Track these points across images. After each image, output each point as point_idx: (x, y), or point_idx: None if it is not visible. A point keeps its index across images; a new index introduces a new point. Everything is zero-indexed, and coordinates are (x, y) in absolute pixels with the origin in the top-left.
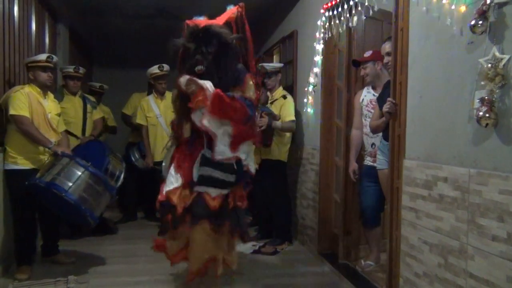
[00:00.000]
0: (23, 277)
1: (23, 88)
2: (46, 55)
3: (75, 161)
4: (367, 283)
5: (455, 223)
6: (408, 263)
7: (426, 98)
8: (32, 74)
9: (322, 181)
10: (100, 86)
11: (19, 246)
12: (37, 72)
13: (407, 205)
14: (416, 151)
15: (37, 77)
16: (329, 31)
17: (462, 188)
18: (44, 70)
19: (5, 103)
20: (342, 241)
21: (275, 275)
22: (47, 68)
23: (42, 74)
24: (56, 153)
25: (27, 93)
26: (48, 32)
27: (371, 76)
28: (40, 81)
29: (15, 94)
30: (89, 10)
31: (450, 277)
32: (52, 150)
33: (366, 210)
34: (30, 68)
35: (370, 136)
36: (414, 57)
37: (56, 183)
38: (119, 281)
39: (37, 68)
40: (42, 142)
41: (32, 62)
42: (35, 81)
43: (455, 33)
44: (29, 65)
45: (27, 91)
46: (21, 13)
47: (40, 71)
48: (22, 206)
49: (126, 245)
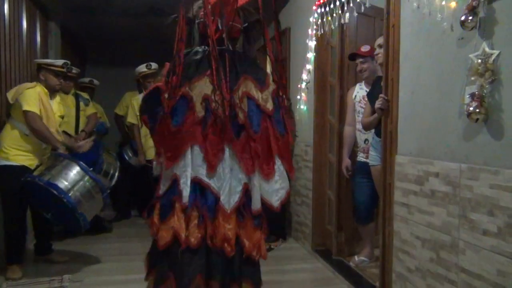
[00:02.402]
0: (15, 276)
1: (35, 86)
2: (63, 61)
3: (76, 163)
4: (360, 278)
5: (446, 218)
6: (400, 258)
7: (417, 94)
8: (44, 75)
9: (315, 177)
10: (90, 81)
11: (9, 245)
12: (49, 76)
13: (399, 201)
14: (408, 147)
15: (48, 80)
16: (321, 28)
17: (453, 183)
18: (57, 75)
19: (14, 99)
20: (336, 237)
21: (269, 272)
22: (60, 74)
23: (53, 79)
24: (58, 154)
25: (38, 92)
26: (40, 31)
27: (368, 71)
28: (50, 84)
29: (28, 91)
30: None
31: (442, 272)
32: (60, 151)
33: (360, 206)
34: (43, 69)
35: (363, 132)
36: (406, 53)
37: (56, 183)
38: (113, 279)
39: (51, 71)
40: (52, 141)
41: (47, 64)
42: (45, 82)
43: (446, 29)
44: (43, 66)
45: (38, 90)
46: (11, 11)
47: (52, 75)
48: (13, 203)
49: (120, 243)
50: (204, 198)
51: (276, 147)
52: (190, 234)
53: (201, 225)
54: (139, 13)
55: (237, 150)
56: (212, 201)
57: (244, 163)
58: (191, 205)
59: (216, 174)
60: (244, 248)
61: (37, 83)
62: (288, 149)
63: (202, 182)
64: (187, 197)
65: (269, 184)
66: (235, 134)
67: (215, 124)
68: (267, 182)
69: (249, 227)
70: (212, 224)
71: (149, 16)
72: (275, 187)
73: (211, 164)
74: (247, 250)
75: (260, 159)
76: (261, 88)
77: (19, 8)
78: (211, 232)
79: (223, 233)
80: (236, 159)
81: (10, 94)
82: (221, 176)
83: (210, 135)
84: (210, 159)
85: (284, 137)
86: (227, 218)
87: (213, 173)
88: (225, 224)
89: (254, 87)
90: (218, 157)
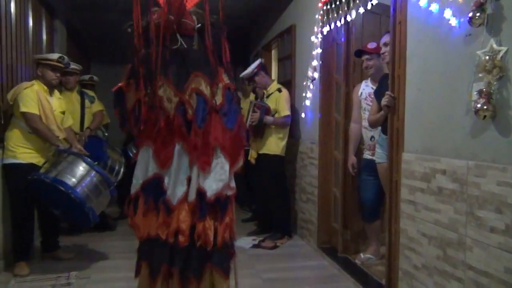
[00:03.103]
0: (23, 273)
1: (32, 85)
2: (58, 55)
3: (81, 159)
4: (366, 276)
5: (453, 215)
6: (407, 255)
7: (424, 91)
8: (41, 71)
9: (321, 175)
10: (90, 78)
11: (17, 242)
12: (46, 70)
13: (406, 198)
14: (414, 144)
15: (45, 75)
16: (327, 24)
17: (460, 180)
18: (53, 70)
19: (14, 99)
20: (342, 235)
21: (275, 269)
22: (57, 68)
23: (50, 73)
24: (61, 150)
25: (36, 90)
26: (45, 29)
27: (374, 68)
28: (47, 79)
29: (26, 91)
30: (85, 6)
31: (449, 269)
32: (59, 148)
33: (365, 204)
34: (40, 65)
35: (369, 130)
36: (412, 50)
37: (63, 179)
38: (119, 276)
39: (47, 66)
40: (51, 139)
41: (43, 59)
42: (42, 78)
43: (453, 25)
44: (40, 61)
45: (36, 89)
46: (18, 10)
47: (49, 69)
48: (21, 201)
49: (125, 241)
50: (162, 193)
51: (217, 140)
52: (157, 227)
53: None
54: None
55: (188, 145)
56: (164, 196)
57: (190, 157)
58: (150, 200)
59: (168, 170)
60: (196, 240)
61: (35, 81)
62: (236, 143)
63: (159, 177)
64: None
65: (204, 176)
66: (188, 130)
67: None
68: (203, 174)
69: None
70: (168, 217)
71: None
72: (212, 179)
73: (160, 160)
74: (201, 242)
75: (198, 152)
76: (211, 83)
77: (25, 7)
78: (167, 224)
79: (175, 225)
80: (186, 154)
81: (9, 94)
82: (171, 172)
83: (162, 133)
84: (159, 156)
85: (233, 131)
86: (176, 210)
87: (164, 169)
88: (178, 216)
89: (204, 83)
90: (167, 155)
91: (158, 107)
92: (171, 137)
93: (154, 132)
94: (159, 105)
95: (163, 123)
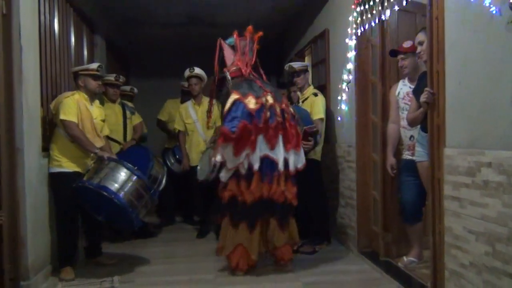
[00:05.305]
0: (69, 277)
1: (73, 94)
2: (97, 64)
3: (122, 165)
4: (410, 279)
5: (502, 208)
6: (453, 254)
7: (465, 84)
8: (83, 81)
9: (359, 178)
10: (131, 89)
11: (62, 248)
12: (88, 80)
13: (449, 195)
14: (457, 139)
15: (87, 85)
16: (361, 26)
17: (507, 172)
18: (95, 79)
19: (56, 108)
20: (383, 239)
21: (315, 273)
22: (97, 76)
23: (92, 82)
24: (101, 157)
25: (77, 99)
26: (86, 43)
27: (410, 67)
28: (90, 88)
29: (66, 100)
30: (124, 21)
31: (499, 265)
32: (98, 155)
33: (406, 205)
34: (81, 76)
35: (408, 129)
36: (451, 43)
37: (106, 185)
38: (163, 280)
39: (88, 76)
40: (89, 146)
41: (83, 70)
42: (85, 88)
43: (493, 13)
44: (80, 73)
45: (77, 98)
46: (60, 26)
47: (91, 79)
48: (66, 208)
49: (166, 247)
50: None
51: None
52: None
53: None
54: (178, 23)
55: (287, 135)
56: (273, 168)
57: (287, 143)
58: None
59: (274, 151)
60: (286, 198)
61: (77, 91)
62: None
63: (268, 156)
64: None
65: (294, 156)
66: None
67: None
68: (294, 154)
69: (289, 184)
70: (271, 184)
71: (189, 25)
72: (298, 159)
73: (271, 144)
74: (289, 199)
75: (294, 139)
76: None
77: (67, 24)
78: (273, 189)
79: (280, 188)
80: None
81: (52, 104)
82: (277, 151)
83: (271, 128)
84: (271, 141)
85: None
86: (281, 179)
87: (273, 150)
88: (280, 184)
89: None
90: (275, 140)
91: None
92: (277, 130)
93: (267, 126)
94: (275, 111)
95: (276, 122)
